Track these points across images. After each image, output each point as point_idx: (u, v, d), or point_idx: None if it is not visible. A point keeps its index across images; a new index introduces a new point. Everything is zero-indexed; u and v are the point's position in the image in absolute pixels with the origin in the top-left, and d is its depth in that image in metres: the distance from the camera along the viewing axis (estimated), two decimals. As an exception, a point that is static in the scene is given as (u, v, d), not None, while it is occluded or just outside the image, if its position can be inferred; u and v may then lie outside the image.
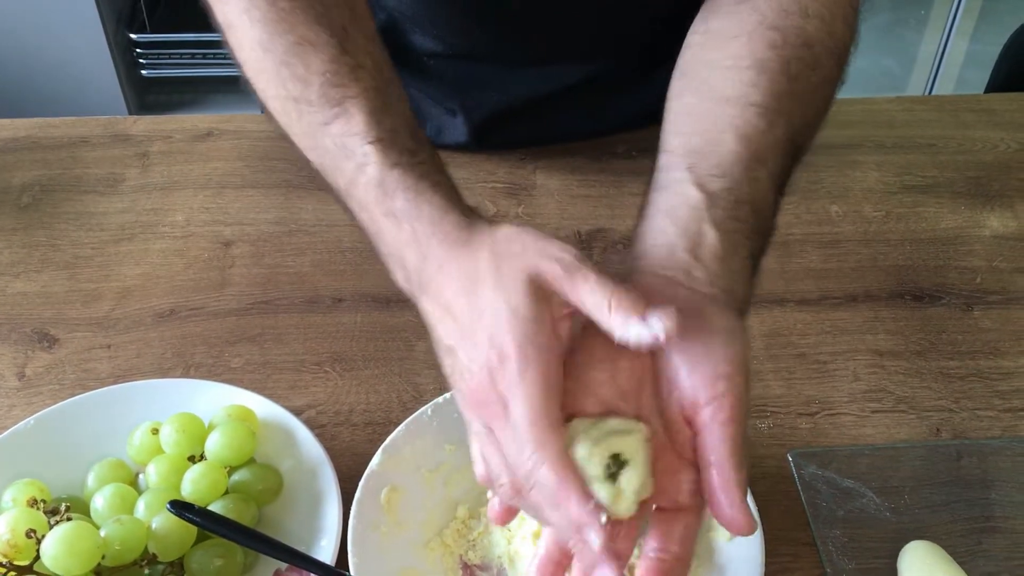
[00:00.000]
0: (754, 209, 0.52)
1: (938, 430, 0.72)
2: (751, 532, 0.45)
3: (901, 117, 1.01)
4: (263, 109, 0.60)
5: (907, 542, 0.63)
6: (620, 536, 0.46)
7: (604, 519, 0.43)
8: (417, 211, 0.51)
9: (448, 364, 0.49)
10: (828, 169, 0.94)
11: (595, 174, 0.94)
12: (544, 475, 0.43)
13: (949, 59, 2.32)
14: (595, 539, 0.43)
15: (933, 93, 2.32)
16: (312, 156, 0.57)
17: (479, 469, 0.49)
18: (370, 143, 0.53)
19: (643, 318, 0.44)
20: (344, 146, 0.53)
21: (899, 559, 0.62)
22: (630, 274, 0.51)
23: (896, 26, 2.64)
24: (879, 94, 1.07)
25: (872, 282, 0.83)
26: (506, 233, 0.48)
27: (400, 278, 0.53)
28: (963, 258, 0.85)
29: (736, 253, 0.50)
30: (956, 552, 0.62)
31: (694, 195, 0.52)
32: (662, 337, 0.43)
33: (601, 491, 0.45)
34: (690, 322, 0.46)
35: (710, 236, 0.50)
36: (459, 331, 0.47)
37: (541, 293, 0.46)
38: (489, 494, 0.49)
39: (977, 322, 0.80)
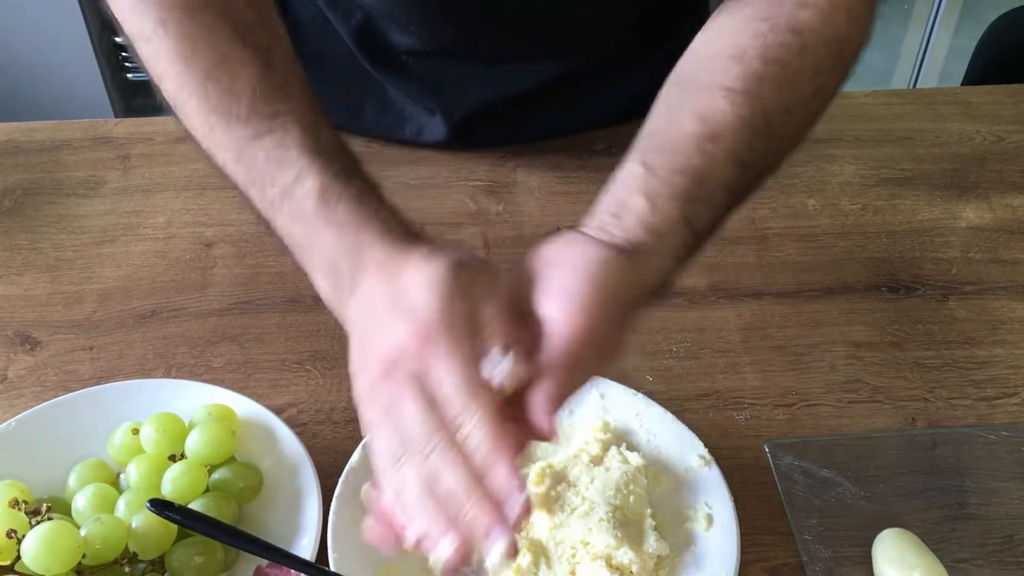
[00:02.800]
0: (697, 179, 0.52)
1: (913, 419, 0.72)
2: (551, 438, 0.46)
3: (878, 111, 1.02)
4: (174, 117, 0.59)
5: (882, 530, 0.63)
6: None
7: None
8: (364, 219, 0.50)
9: (358, 351, 0.48)
10: (805, 163, 0.95)
11: (574, 171, 0.94)
12: (479, 429, 0.43)
13: (932, 53, 2.33)
14: (514, 510, 0.43)
15: (916, 88, 2.33)
16: (234, 169, 0.56)
17: (381, 447, 0.46)
18: (309, 154, 0.52)
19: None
20: (279, 159, 0.53)
21: (873, 546, 0.63)
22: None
23: (879, 20, 2.64)
24: (864, 89, 1.08)
25: (849, 274, 0.84)
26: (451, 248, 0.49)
27: (328, 289, 0.52)
28: (939, 250, 0.86)
29: (661, 215, 0.51)
30: (930, 539, 0.63)
31: (634, 169, 0.53)
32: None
33: None
34: (566, 252, 0.49)
35: (636, 200, 0.51)
36: (379, 308, 0.47)
37: (464, 270, 0.47)
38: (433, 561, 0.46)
39: (952, 313, 0.80)
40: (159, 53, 0.57)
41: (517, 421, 0.46)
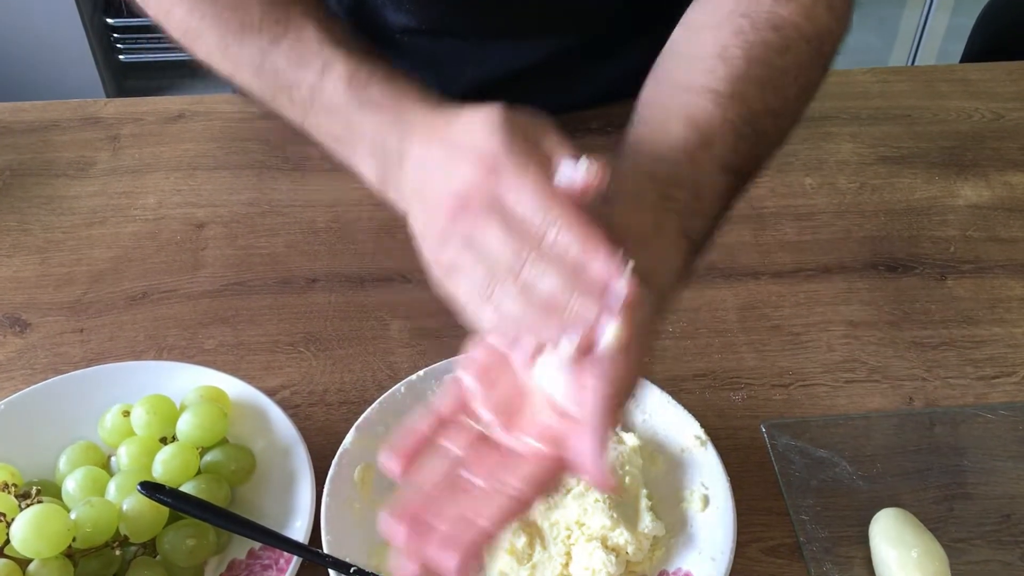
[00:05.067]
0: (693, 191, 0.51)
1: (911, 399, 0.72)
2: (616, 491, 0.45)
3: (876, 88, 1.01)
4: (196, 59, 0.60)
5: (879, 510, 0.63)
6: None
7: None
8: (399, 92, 0.51)
9: (421, 208, 0.47)
10: (803, 142, 0.94)
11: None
12: (566, 229, 0.42)
13: (930, 32, 2.31)
14: (622, 288, 0.41)
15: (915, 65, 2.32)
16: (258, 83, 0.56)
17: (467, 284, 0.44)
18: (329, 46, 0.53)
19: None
20: (300, 57, 0.54)
21: (871, 526, 0.62)
22: None
23: (876, 1, 2.63)
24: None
25: (846, 253, 0.83)
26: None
27: (376, 171, 0.51)
28: (937, 228, 0.86)
29: (663, 234, 0.50)
30: (927, 519, 0.62)
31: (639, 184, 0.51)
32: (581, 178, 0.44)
33: None
34: None
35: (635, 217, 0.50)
36: (437, 162, 0.46)
37: (517, 113, 0.45)
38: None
39: (950, 291, 0.80)
40: None
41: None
